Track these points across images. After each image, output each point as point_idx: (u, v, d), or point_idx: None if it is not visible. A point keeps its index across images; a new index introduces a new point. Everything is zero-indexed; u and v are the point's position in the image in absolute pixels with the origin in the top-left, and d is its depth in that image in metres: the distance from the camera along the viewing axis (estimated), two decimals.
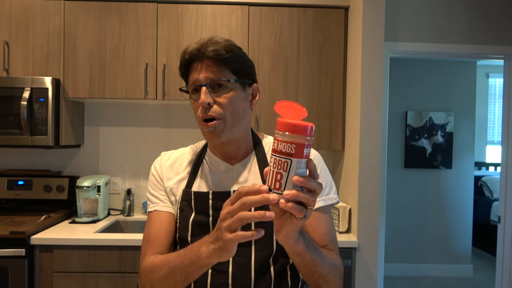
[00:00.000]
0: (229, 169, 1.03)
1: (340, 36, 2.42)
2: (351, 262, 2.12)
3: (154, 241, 0.99)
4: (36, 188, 2.50)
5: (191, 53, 0.96)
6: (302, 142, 0.68)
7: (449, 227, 4.39)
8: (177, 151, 1.11)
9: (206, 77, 0.94)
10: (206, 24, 2.37)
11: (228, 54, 0.95)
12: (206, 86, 0.94)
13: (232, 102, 0.95)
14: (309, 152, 0.70)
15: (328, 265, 0.90)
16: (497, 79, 5.69)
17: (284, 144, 0.69)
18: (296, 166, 0.69)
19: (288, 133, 0.69)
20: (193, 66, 0.96)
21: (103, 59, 2.35)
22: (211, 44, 0.95)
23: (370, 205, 2.16)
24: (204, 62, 0.95)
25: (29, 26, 2.32)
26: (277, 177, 0.69)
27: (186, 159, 1.08)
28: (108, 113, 2.70)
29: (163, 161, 1.09)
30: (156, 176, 1.07)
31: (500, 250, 2.64)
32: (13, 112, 2.22)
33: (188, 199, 1.01)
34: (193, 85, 0.96)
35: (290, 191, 0.68)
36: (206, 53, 0.94)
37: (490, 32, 2.60)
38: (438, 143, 4.36)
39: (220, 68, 0.95)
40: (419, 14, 2.59)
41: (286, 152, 0.69)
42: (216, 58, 0.94)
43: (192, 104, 0.98)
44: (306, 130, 0.69)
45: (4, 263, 1.96)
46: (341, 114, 2.43)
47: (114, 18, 2.35)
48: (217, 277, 0.94)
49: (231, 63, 0.95)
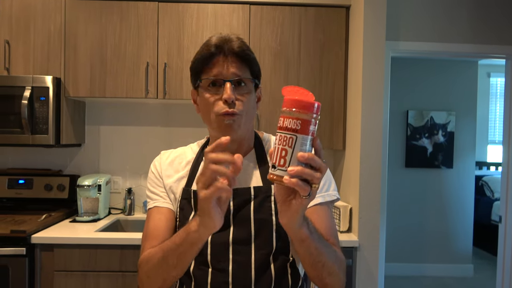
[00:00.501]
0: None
1: (341, 36, 2.41)
2: (351, 261, 2.12)
3: (153, 235, 0.99)
4: (37, 187, 2.50)
5: (217, 45, 0.94)
6: (308, 118, 0.68)
7: (450, 226, 4.39)
8: (176, 150, 1.12)
9: (233, 73, 0.94)
10: (207, 23, 2.37)
11: (251, 54, 0.97)
12: (231, 82, 0.94)
13: (249, 101, 0.97)
14: (315, 129, 0.70)
15: (332, 256, 0.89)
16: (499, 79, 5.68)
17: (290, 120, 0.68)
18: (301, 143, 0.68)
19: (294, 109, 0.69)
20: (216, 60, 0.95)
21: (104, 58, 2.35)
22: (233, 41, 0.95)
23: (371, 205, 2.16)
24: (229, 58, 0.94)
25: (29, 24, 2.32)
26: (282, 154, 0.69)
27: (185, 158, 1.08)
28: (109, 112, 2.70)
29: (163, 159, 1.09)
30: (155, 173, 1.08)
31: (501, 250, 2.64)
32: (14, 111, 2.22)
33: (188, 198, 1.01)
34: (216, 78, 0.94)
35: (294, 167, 0.67)
36: (232, 49, 0.94)
37: (492, 31, 2.59)
38: (439, 142, 4.35)
39: (243, 66, 0.96)
40: (420, 13, 2.59)
41: (291, 128, 0.68)
42: (241, 55, 0.95)
43: (208, 98, 0.96)
44: (313, 106, 0.69)
45: (5, 262, 1.97)
46: (342, 114, 2.43)
47: (115, 17, 2.35)
48: (217, 275, 0.94)
49: (252, 63, 0.97)
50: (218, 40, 0.95)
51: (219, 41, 0.95)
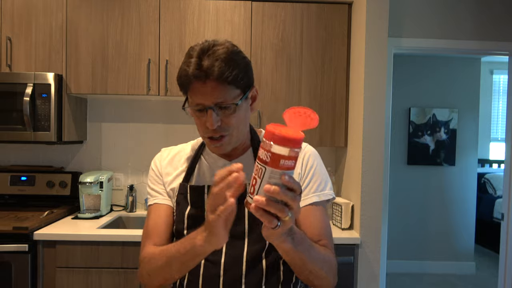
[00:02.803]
0: (226, 165, 1.03)
1: (343, 32, 2.40)
2: (353, 258, 2.12)
3: (153, 232, 1.02)
4: (39, 184, 2.51)
5: (195, 74, 0.88)
6: (279, 152, 0.66)
7: (452, 224, 4.38)
8: (176, 147, 1.13)
9: (213, 102, 0.90)
10: (209, 19, 2.37)
11: (233, 72, 0.89)
12: (213, 109, 0.90)
13: (239, 119, 0.95)
14: (289, 164, 0.67)
15: (320, 263, 0.91)
16: (501, 76, 5.65)
17: (262, 150, 0.68)
18: (270, 176, 0.67)
19: (267, 141, 0.67)
20: (194, 86, 0.90)
21: (105, 55, 2.34)
22: (214, 60, 0.88)
23: (373, 202, 2.16)
24: (207, 84, 0.88)
25: (31, 21, 2.32)
26: (253, 182, 0.69)
27: (185, 155, 1.10)
28: (111, 109, 2.70)
29: (163, 156, 1.11)
30: (155, 171, 1.09)
31: (503, 248, 2.63)
32: (16, 108, 2.22)
33: (184, 193, 1.02)
34: (198, 108, 0.92)
35: (259, 197, 0.67)
36: (210, 75, 0.87)
37: (495, 28, 2.58)
38: (441, 140, 4.34)
39: (226, 88, 0.90)
40: (423, 9, 2.57)
41: (262, 159, 0.68)
42: (222, 79, 0.88)
43: (196, 120, 0.96)
44: (286, 141, 0.65)
45: (8, 259, 1.97)
46: (344, 111, 2.42)
47: (117, 14, 2.35)
48: (209, 267, 0.96)
49: (235, 81, 0.90)
50: (196, 64, 0.88)
51: (197, 67, 0.88)
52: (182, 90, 0.95)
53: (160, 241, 1.00)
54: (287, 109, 0.70)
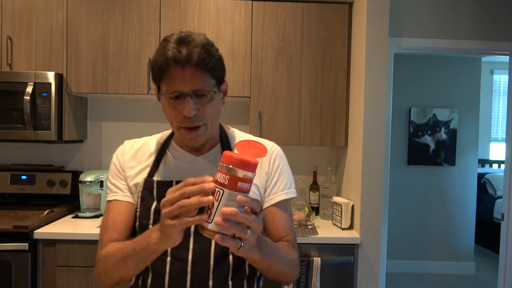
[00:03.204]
0: (193, 161, 1.03)
1: (344, 32, 2.40)
2: (353, 258, 2.12)
3: (112, 228, 1.00)
4: (39, 182, 2.51)
5: (175, 58, 0.87)
6: (237, 174, 0.69)
7: (452, 224, 4.38)
8: (140, 140, 1.11)
9: (191, 89, 0.89)
10: (209, 19, 2.36)
11: (211, 60, 0.89)
12: (191, 96, 0.89)
13: (214, 109, 0.95)
14: (246, 186, 0.70)
15: (286, 264, 0.95)
16: (502, 76, 5.65)
17: (220, 174, 0.70)
18: (228, 198, 0.69)
19: (225, 164, 0.69)
20: (172, 72, 0.88)
21: (106, 54, 2.34)
22: (192, 47, 0.87)
23: (373, 202, 2.16)
24: (187, 70, 0.87)
25: (32, 21, 2.32)
26: (210, 206, 0.70)
27: (149, 149, 1.07)
28: (111, 108, 2.70)
29: (126, 150, 1.08)
30: (117, 165, 1.07)
31: (503, 248, 2.63)
32: (17, 107, 2.22)
33: (150, 188, 1.00)
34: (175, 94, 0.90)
35: (219, 219, 0.68)
36: (190, 60, 0.87)
37: (496, 28, 2.58)
38: (441, 140, 4.34)
39: (204, 76, 0.90)
40: (424, 9, 2.57)
41: (220, 183, 0.70)
42: (201, 66, 0.88)
43: (169, 109, 0.93)
44: (243, 163, 0.69)
45: (8, 257, 1.97)
46: (345, 111, 2.42)
47: (117, 13, 2.35)
48: (176, 264, 0.96)
49: (213, 69, 0.90)
50: (176, 50, 0.87)
51: (177, 51, 0.87)
52: (157, 77, 0.91)
53: (119, 237, 0.99)
54: (238, 142, 0.76)
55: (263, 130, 2.38)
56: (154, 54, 0.92)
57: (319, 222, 2.41)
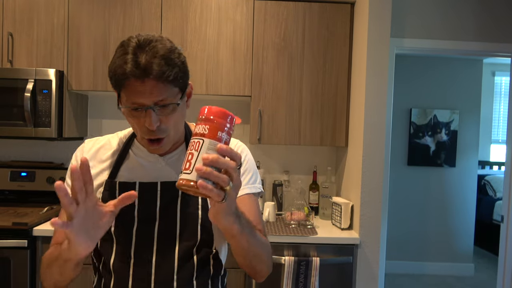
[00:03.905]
0: (157, 160, 1.01)
1: (345, 32, 2.40)
2: (352, 258, 2.12)
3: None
4: (39, 179, 2.51)
5: (132, 72, 0.82)
6: (216, 124, 0.70)
7: (452, 225, 4.38)
8: (102, 139, 1.07)
9: (152, 101, 0.85)
10: (211, 17, 2.36)
11: (173, 71, 0.85)
12: (153, 109, 0.85)
13: (177, 119, 0.91)
14: (225, 137, 0.71)
15: (261, 246, 0.93)
16: (503, 78, 5.64)
17: (199, 126, 0.71)
18: (208, 147, 0.69)
19: (204, 116, 0.71)
20: (132, 83, 0.83)
21: (106, 52, 2.34)
22: (152, 57, 0.83)
23: (373, 202, 2.16)
24: (146, 83, 0.83)
25: (33, 17, 2.32)
26: (188, 157, 0.70)
27: (110, 148, 1.04)
28: (111, 106, 2.70)
29: (86, 149, 1.04)
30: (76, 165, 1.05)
31: (503, 250, 2.63)
32: (17, 104, 2.22)
33: (111, 190, 0.97)
34: (136, 107, 0.86)
35: (200, 166, 0.67)
36: (149, 74, 0.82)
37: (498, 29, 2.57)
38: (442, 141, 4.34)
39: (166, 87, 0.85)
40: (426, 10, 2.57)
41: (199, 133, 0.70)
42: (161, 78, 0.83)
43: (131, 119, 0.90)
44: (222, 114, 0.71)
45: (7, 254, 1.98)
46: (345, 110, 2.42)
47: (119, 11, 2.34)
48: (139, 266, 0.94)
49: (175, 80, 0.86)
50: (133, 61, 0.83)
51: (134, 64, 0.82)
52: (116, 87, 0.88)
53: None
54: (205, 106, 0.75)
55: (263, 129, 2.38)
56: (112, 60, 0.88)
57: (318, 222, 2.41)
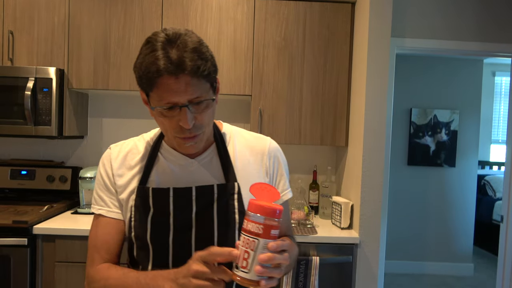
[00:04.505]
0: (188, 163, 0.97)
1: (346, 31, 2.40)
2: (352, 258, 2.12)
3: (103, 249, 0.96)
4: (39, 178, 2.51)
5: (166, 69, 0.78)
6: (270, 223, 0.74)
7: (451, 225, 4.39)
8: (127, 143, 1.03)
9: (187, 99, 0.82)
10: (212, 16, 2.36)
11: (206, 65, 0.82)
12: (188, 107, 0.82)
13: (210, 115, 0.89)
14: (276, 233, 0.75)
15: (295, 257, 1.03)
16: (504, 78, 5.64)
17: (253, 224, 0.74)
18: (263, 246, 0.74)
19: (258, 215, 0.74)
20: (165, 81, 0.80)
21: (107, 51, 2.34)
22: (183, 52, 0.79)
23: (372, 202, 2.16)
24: (180, 79, 0.79)
25: (34, 16, 2.32)
26: (245, 256, 0.74)
27: (138, 153, 1.00)
28: (112, 104, 2.70)
29: (113, 156, 1.00)
30: (104, 176, 0.99)
31: (502, 250, 2.63)
32: (17, 102, 2.22)
33: (144, 196, 0.94)
34: (170, 106, 0.83)
35: (260, 268, 0.73)
36: (184, 69, 0.79)
37: (498, 30, 2.57)
38: (442, 141, 4.34)
39: (200, 83, 0.82)
40: (426, 10, 2.57)
41: (254, 232, 0.74)
42: (196, 74, 0.80)
43: (162, 119, 0.86)
44: (275, 213, 0.74)
45: (7, 252, 1.98)
46: (345, 110, 2.42)
47: (119, 9, 2.34)
48: None
49: (208, 75, 0.83)
50: (166, 56, 0.79)
51: (167, 59, 0.79)
52: (145, 86, 0.83)
53: (110, 258, 0.96)
54: (251, 185, 0.80)
55: (264, 128, 2.38)
56: (138, 57, 0.84)
57: (318, 222, 2.41)
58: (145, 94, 0.87)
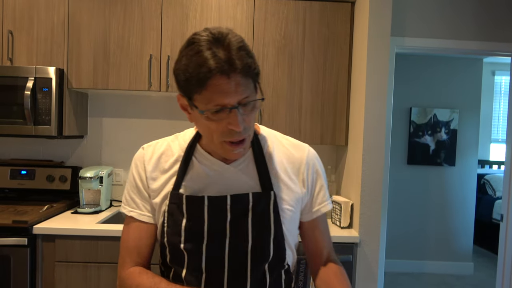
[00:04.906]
0: (224, 169, 0.94)
1: (346, 31, 2.40)
2: (352, 257, 2.12)
3: (134, 252, 0.95)
4: (39, 178, 2.51)
5: (218, 67, 0.75)
6: None
7: (451, 224, 4.39)
8: (161, 143, 1.00)
9: (237, 99, 0.78)
10: (211, 16, 2.36)
11: (255, 63, 0.80)
12: (238, 108, 0.79)
13: (255, 117, 0.86)
14: None
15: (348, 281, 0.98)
16: (503, 77, 5.64)
17: None
18: None
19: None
20: (215, 82, 0.76)
21: (107, 50, 2.34)
22: (233, 51, 0.77)
23: (372, 201, 2.16)
24: (231, 79, 0.76)
25: (33, 15, 2.31)
26: None
27: (172, 155, 0.97)
28: (112, 104, 2.70)
29: (147, 157, 0.97)
30: (136, 178, 0.97)
31: (502, 249, 2.63)
32: (17, 102, 2.21)
33: (178, 203, 0.91)
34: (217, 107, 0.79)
35: None
36: (236, 68, 0.76)
37: (498, 29, 2.57)
38: (442, 140, 4.34)
39: (248, 82, 0.79)
40: (426, 9, 2.56)
41: None
42: (246, 73, 0.78)
43: (208, 123, 0.82)
44: None
45: (7, 252, 1.98)
46: (345, 109, 2.42)
47: (119, 9, 2.34)
48: (211, 281, 0.91)
49: (257, 74, 0.81)
50: (215, 56, 0.76)
51: (217, 58, 0.76)
52: (192, 88, 0.79)
53: (142, 261, 0.95)
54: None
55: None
56: (181, 60, 0.80)
57: None
58: (187, 98, 0.83)
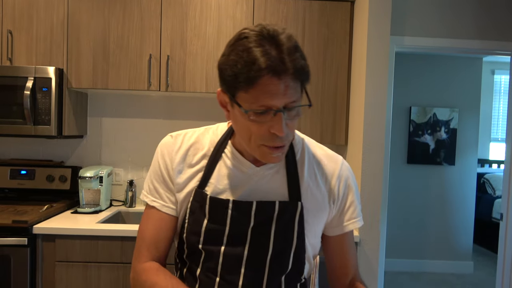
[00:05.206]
0: (253, 172, 0.89)
1: (345, 30, 2.40)
2: None
3: (152, 245, 0.91)
4: (39, 178, 2.51)
5: (271, 67, 0.70)
6: None
7: (451, 223, 4.39)
8: (190, 134, 0.94)
9: (285, 102, 0.74)
10: (211, 15, 2.36)
11: (307, 67, 0.75)
12: (283, 112, 0.74)
13: (296, 123, 0.81)
14: None
15: None
16: (503, 76, 5.64)
17: None
18: None
19: None
20: (265, 82, 0.71)
21: (106, 50, 2.34)
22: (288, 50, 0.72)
23: (372, 200, 2.16)
24: (282, 80, 0.72)
25: (32, 15, 2.31)
26: None
27: (201, 149, 0.91)
28: (111, 104, 2.70)
29: (175, 147, 0.92)
30: (162, 167, 0.92)
31: (502, 248, 2.64)
32: (17, 102, 2.21)
33: (201, 202, 0.88)
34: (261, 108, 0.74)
35: None
36: (289, 69, 0.72)
37: (497, 28, 2.57)
38: (441, 139, 4.34)
39: (297, 86, 0.75)
40: (425, 8, 2.56)
41: None
42: (298, 75, 0.73)
43: (249, 124, 0.76)
44: None
45: (7, 252, 1.98)
46: (345, 109, 2.42)
47: (118, 9, 2.34)
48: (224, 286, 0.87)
49: (309, 78, 0.77)
50: (267, 54, 0.71)
51: (270, 57, 0.71)
52: (239, 86, 0.73)
53: (159, 255, 0.91)
54: None
55: None
56: (230, 54, 0.74)
57: None
58: (229, 95, 0.77)
